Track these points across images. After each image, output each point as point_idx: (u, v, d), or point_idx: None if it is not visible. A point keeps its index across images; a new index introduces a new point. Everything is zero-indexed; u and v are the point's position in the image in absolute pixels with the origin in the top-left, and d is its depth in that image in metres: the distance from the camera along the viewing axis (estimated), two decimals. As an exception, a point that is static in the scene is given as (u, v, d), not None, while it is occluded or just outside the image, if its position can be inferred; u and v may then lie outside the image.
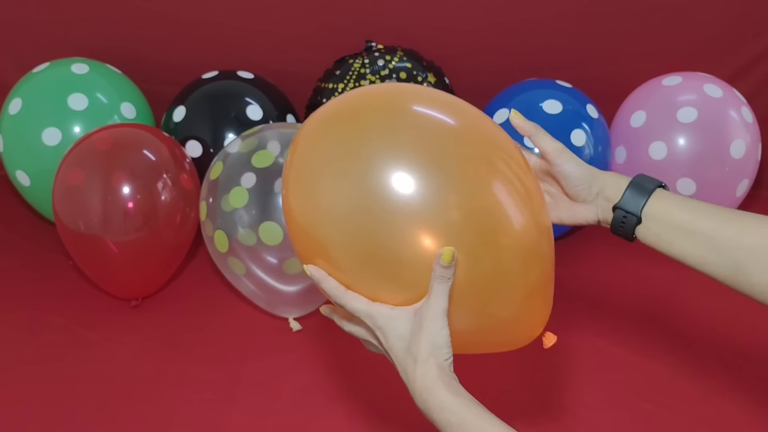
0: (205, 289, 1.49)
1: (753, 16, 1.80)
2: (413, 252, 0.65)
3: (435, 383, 0.65)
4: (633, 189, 0.73)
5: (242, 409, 1.18)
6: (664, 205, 0.72)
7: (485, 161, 0.67)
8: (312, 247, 0.69)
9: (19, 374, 1.26)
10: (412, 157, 0.65)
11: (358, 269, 0.67)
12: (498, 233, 0.66)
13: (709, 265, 0.70)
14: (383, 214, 0.64)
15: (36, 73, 1.57)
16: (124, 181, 1.30)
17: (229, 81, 1.64)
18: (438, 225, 0.64)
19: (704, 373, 1.24)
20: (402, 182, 0.64)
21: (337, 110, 0.71)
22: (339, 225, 0.66)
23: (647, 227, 0.72)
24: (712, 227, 0.69)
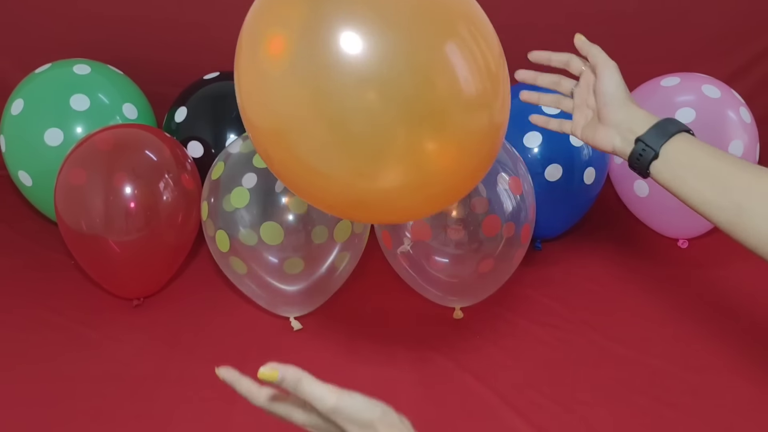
0: (207, 289, 1.50)
1: (751, 17, 1.81)
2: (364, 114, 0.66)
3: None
4: (659, 126, 0.75)
5: (242, 409, 1.18)
6: (685, 145, 0.74)
7: (439, 24, 0.69)
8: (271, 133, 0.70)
9: (20, 373, 1.26)
10: (363, 16, 0.66)
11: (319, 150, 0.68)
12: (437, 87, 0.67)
13: (715, 207, 0.71)
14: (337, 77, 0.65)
15: (38, 73, 1.58)
16: (125, 181, 1.31)
17: (230, 81, 1.64)
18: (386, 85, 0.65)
19: (701, 369, 1.25)
20: (352, 42, 0.65)
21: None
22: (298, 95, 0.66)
23: (663, 163, 0.74)
24: (731, 171, 0.71)
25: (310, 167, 0.69)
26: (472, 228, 1.26)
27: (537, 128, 1.49)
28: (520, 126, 1.51)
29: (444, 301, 1.38)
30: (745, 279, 1.51)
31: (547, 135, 1.48)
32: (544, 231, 1.56)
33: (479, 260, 1.28)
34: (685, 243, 1.62)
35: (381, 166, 0.68)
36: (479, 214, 1.26)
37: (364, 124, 0.66)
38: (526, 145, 1.48)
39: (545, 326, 1.37)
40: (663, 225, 1.61)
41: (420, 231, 1.28)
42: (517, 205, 1.28)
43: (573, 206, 1.57)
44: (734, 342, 1.31)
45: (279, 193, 1.25)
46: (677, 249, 1.61)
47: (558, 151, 1.48)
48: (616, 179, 1.63)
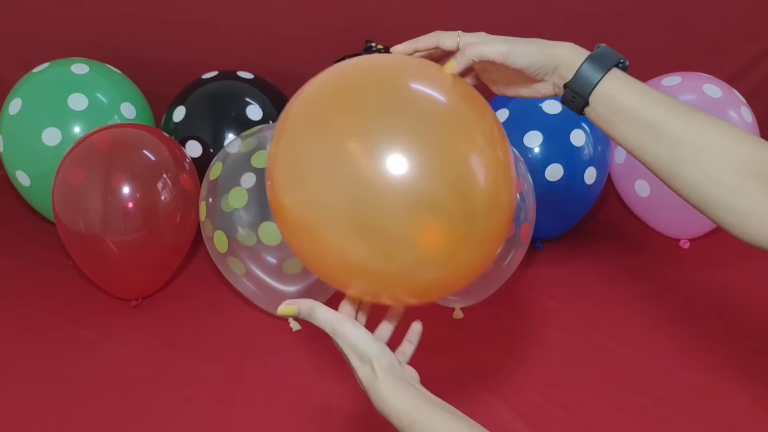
0: (205, 289, 1.49)
1: (752, 17, 1.80)
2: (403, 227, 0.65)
3: (384, 388, 0.66)
4: (586, 67, 0.70)
5: (241, 409, 1.18)
6: (613, 88, 0.69)
7: (463, 134, 0.68)
8: (304, 234, 0.69)
9: (18, 373, 1.26)
10: (405, 139, 0.65)
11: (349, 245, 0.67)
12: (472, 198, 0.67)
13: (648, 154, 0.69)
14: (378, 198, 0.64)
15: (36, 73, 1.57)
16: (124, 181, 1.31)
17: (228, 81, 1.64)
18: (426, 203, 0.65)
19: (702, 369, 1.25)
20: (396, 166, 0.64)
21: (320, 95, 0.70)
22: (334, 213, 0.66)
23: (593, 108, 0.71)
24: (659, 117, 0.67)
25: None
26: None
27: (537, 128, 1.49)
28: (521, 126, 1.51)
29: (444, 301, 1.38)
30: (746, 279, 1.50)
31: (548, 135, 1.48)
32: (545, 231, 1.56)
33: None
34: (686, 243, 1.62)
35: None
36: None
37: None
38: (526, 145, 1.47)
39: (545, 326, 1.37)
40: (664, 225, 1.61)
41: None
42: (517, 204, 1.28)
43: (573, 206, 1.56)
44: (735, 342, 1.31)
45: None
46: (678, 249, 1.61)
47: (558, 150, 1.48)
48: (617, 179, 1.62)
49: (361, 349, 0.68)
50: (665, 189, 1.60)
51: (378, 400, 0.66)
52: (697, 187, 0.67)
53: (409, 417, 0.65)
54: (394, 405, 0.65)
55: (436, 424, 0.64)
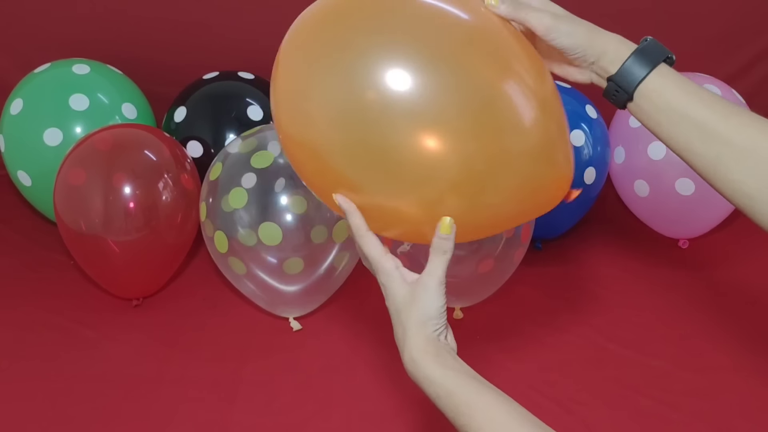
0: (206, 289, 1.50)
1: (752, 17, 1.80)
2: (416, 150, 0.61)
3: (421, 356, 0.66)
4: (632, 61, 0.68)
5: (242, 409, 1.18)
6: (660, 85, 0.68)
7: (491, 56, 0.63)
8: (310, 161, 0.66)
9: (19, 373, 1.26)
10: (406, 50, 0.61)
11: (362, 176, 0.63)
12: (500, 135, 0.63)
13: (692, 154, 0.67)
14: (382, 112, 0.60)
15: (37, 73, 1.57)
16: (125, 181, 1.31)
17: (229, 81, 1.64)
18: (440, 123, 0.60)
19: (702, 369, 1.25)
20: (398, 78, 0.60)
21: (322, 11, 0.68)
22: (337, 129, 0.62)
23: (638, 105, 0.69)
24: (706, 117, 0.66)
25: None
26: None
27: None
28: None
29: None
30: (746, 279, 1.50)
31: (547, 135, 1.48)
32: (544, 231, 1.56)
33: (479, 260, 1.28)
34: (685, 243, 1.62)
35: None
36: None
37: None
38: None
39: (545, 326, 1.37)
40: (663, 225, 1.61)
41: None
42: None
43: (573, 206, 1.56)
44: (735, 342, 1.31)
45: (278, 193, 1.25)
46: (678, 249, 1.61)
47: (558, 150, 1.48)
48: (617, 179, 1.62)
49: (427, 315, 0.67)
50: (665, 189, 1.61)
51: (412, 365, 0.67)
52: (741, 190, 0.65)
53: (445, 387, 0.65)
54: (432, 374, 0.65)
55: (471, 397, 0.64)
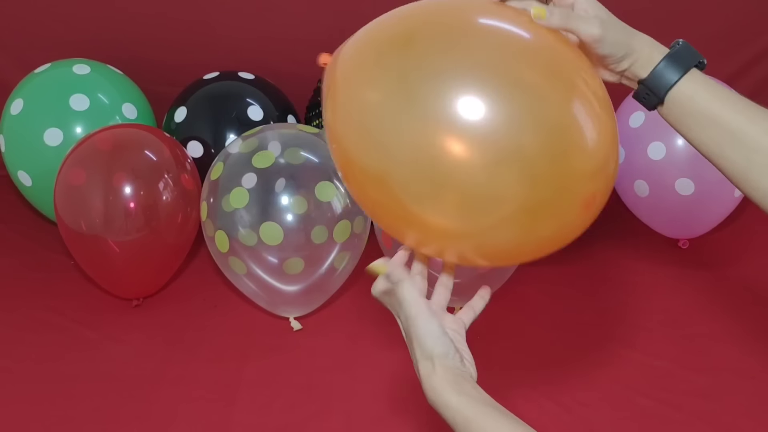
0: (206, 289, 1.50)
1: (752, 16, 1.80)
2: (485, 181, 0.60)
3: (439, 384, 0.66)
4: (664, 66, 0.67)
5: (242, 408, 1.18)
6: (691, 89, 0.67)
7: (561, 79, 0.62)
8: (374, 187, 0.64)
9: (20, 373, 1.26)
10: (482, 79, 0.59)
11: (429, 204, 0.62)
12: (569, 158, 0.62)
13: (722, 158, 0.67)
14: (453, 146, 0.58)
15: (38, 73, 1.57)
16: (125, 181, 1.31)
17: (230, 82, 1.64)
18: (511, 151, 0.59)
19: (702, 369, 1.25)
20: (476, 110, 0.58)
21: (381, 36, 0.65)
22: (405, 162, 0.60)
23: (668, 109, 0.69)
24: (737, 121, 0.66)
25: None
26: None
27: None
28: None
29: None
30: (746, 279, 1.50)
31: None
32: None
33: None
34: (685, 243, 1.62)
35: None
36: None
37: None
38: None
39: (545, 326, 1.37)
40: (663, 225, 1.61)
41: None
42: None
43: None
44: (736, 342, 1.31)
45: (278, 193, 1.25)
46: (678, 249, 1.61)
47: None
48: (617, 179, 1.62)
49: (429, 345, 0.67)
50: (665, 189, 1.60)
51: (432, 393, 0.66)
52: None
53: (463, 414, 0.64)
54: (450, 400, 0.65)
55: (488, 424, 0.64)
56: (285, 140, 1.30)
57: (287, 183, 1.25)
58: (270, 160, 1.26)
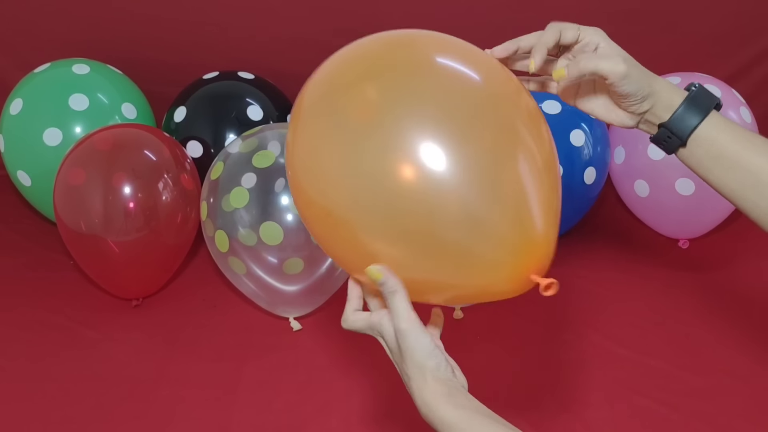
0: (206, 289, 1.50)
1: (752, 17, 1.81)
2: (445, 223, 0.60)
3: (433, 397, 0.64)
4: (685, 109, 0.68)
5: (242, 408, 1.18)
6: (713, 131, 0.68)
7: (508, 131, 0.64)
8: (333, 231, 0.66)
9: (20, 372, 1.26)
10: (437, 128, 0.59)
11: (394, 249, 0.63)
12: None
13: (745, 201, 0.68)
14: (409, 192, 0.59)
15: (37, 73, 1.57)
16: (125, 181, 1.31)
17: (229, 81, 1.65)
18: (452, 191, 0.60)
19: (701, 369, 1.25)
20: (429, 159, 0.58)
21: (338, 75, 0.66)
22: (365, 208, 0.61)
23: (690, 151, 0.69)
24: (759, 164, 0.66)
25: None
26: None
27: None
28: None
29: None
30: (745, 280, 1.50)
31: (547, 135, 1.48)
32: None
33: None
34: (685, 243, 1.62)
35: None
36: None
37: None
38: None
39: (545, 326, 1.37)
40: (663, 225, 1.61)
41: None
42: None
43: (573, 206, 1.56)
44: (735, 342, 1.31)
45: (278, 192, 1.25)
46: (678, 249, 1.61)
47: (558, 150, 1.47)
48: (617, 179, 1.62)
49: (421, 358, 0.65)
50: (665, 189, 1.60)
51: (426, 408, 0.64)
52: None
53: (459, 428, 0.62)
54: (445, 415, 0.63)
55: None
56: (285, 140, 1.30)
57: (287, 183, 1.25)
58: (270, 160, 1.26)
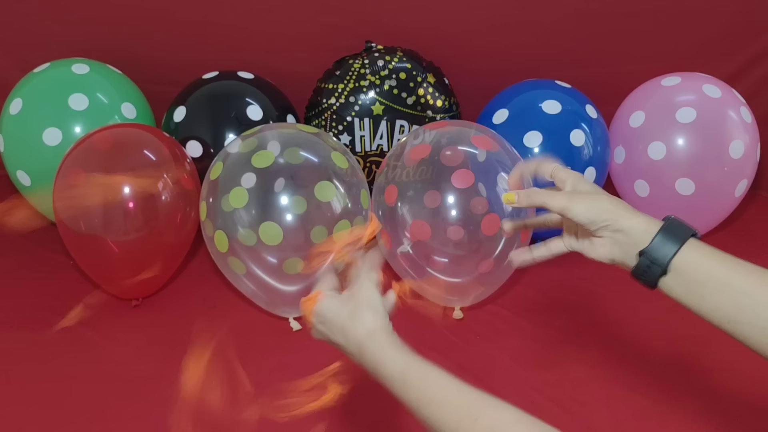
0: (206, 289, 1.50)
1: (752, 17, 1.80)
2: None
3: (378, 339, 0.71)
4: (664, 235, 0.68)
5: (242, 408, 1.18)
6: (696, 256, 0.67)
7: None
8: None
9: (20, 373, 1.26)
10: None
11: None
12: None
13: (742, 325, 0.65)
14: None
15: (37, 73, 1.57)
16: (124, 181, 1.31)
17: (229, 81, 1.64)
18: None
19: (702, 369, 1.25)
20: None
21: None
22: None
23: (674, 279, 0.68)
24: (752, 284, 0.64)
25: None
26: (471, 228, 1.26)
27: (537, 128, 1.49)
28: (520, 126, 1.51)
29: (444, 301, 1.38)
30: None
31: (547, 135, 1.48)
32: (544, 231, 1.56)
33: (479, 260, 1.28)
34: (685, 243, 1.62)
35: None
36: (479, 214, 1.26)
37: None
38: (526, 145, 1.48)
39: (545, 326, 1.37)
40: (663, 225, 1.61)
41: (419, 231, 1.28)
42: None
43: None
44: (735, 342, 1.31)
45: (278, 192, 1.25)
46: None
47: (558, 151, 1.48)
48: (617, 179, 1.62)
49: (376, 304, 0.73)
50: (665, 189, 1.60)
51: (370, 353, 0.70)
52: None
53: (400, 367, 0.67)
54: (387, 355, 0.69)
55: (427, 374, 0.66)
56: (284, 140, 1.30)
57: (287, 183, 1.25)
58: (270, 160, 1.26)
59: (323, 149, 1.32)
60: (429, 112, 1.63)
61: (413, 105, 1.62)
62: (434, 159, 1.29)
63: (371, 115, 1.60)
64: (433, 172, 1.28)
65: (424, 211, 1.28)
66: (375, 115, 1.60)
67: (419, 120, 1.62)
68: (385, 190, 1.33)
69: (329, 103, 1.62)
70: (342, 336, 0.75)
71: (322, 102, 1.64)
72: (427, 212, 1.28)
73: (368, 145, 1.62)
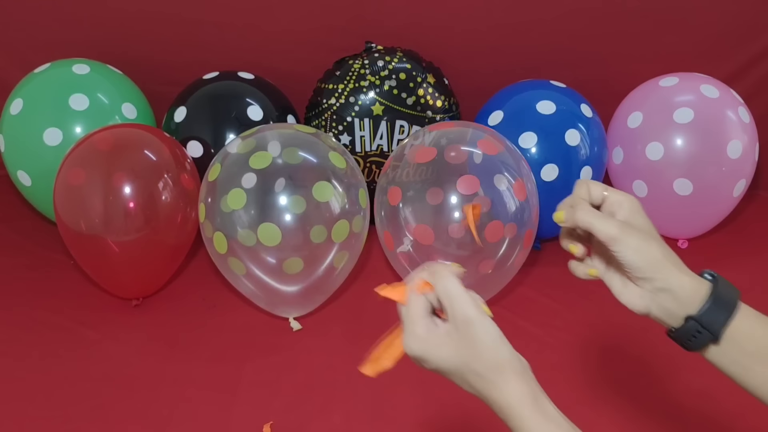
0: (206, 289, 1.50)
1: (750, 17, 1.81)
2: None
3: (518, 401, 0.60)
4: (715, 301, 0.62)
5: (242, 408, 1.19)
6: (748, 327, 0.62)
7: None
8: None
9: (20, 372, 1.26)
10: None
11: None
12: None
13: None
14: None
15: (37, 73, 1.58)
16: (125, 181, 1.31)
17: (229, 81, 1.65)
18: None
19: (702, 369, 1.24)
20: None
21: None
22: None
23: (723, 349, 0.63)
24: None
25: None
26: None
27: (532, 129, 1.49)
28: (516, 127, 1.51)
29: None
30: (744, 279, 1.50)
31: (543, 135, 1.48)
32: (544, 231, 1.56)
33: (480, 261, 1.28)
34: (684, 243, 1.62)
35: None
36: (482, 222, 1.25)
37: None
38: (521, 146, 1.48)
39: (545, 327, 1.37)
40: (663, 225, 1.61)
41: (420, 232, 1.28)
42: (521, 206, 1.28)
43: (572, 206, 1.57)
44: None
45: (277, 193, 1.25)
46: (677, 249, 1.61)
47: (554, 151, 1.48)
48: (616, 179, 1.63)
49: (493, 353, 0.62)
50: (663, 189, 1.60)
51: (508, 410, 0.61)
52: None
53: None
54: (531, 424, 0.61)
55: None
56: (283, 140, 1.30)
57: (286, 183, 1.25)
58: (268, 161, 1.26)
59: (321, 149, 1.32)
60: (429, 112, 1.63)
61: (413, 105, 1.62)
62: (439, 160, 1.28)
63: (371, 116, 1.61)
64: (435, 172, 1.28)
65: (427, 214, 1.27)
66: (375, 115, 1.61)
67: (419, 120, 1.63)
68: (387, 190, 1.33)
69: (329, 104, 1.62)
70: (468, 386, 0.65)
71: (322, 102, 1.64)
72: (430, 213, 1.27)
73: (368, 145, 1.62)
